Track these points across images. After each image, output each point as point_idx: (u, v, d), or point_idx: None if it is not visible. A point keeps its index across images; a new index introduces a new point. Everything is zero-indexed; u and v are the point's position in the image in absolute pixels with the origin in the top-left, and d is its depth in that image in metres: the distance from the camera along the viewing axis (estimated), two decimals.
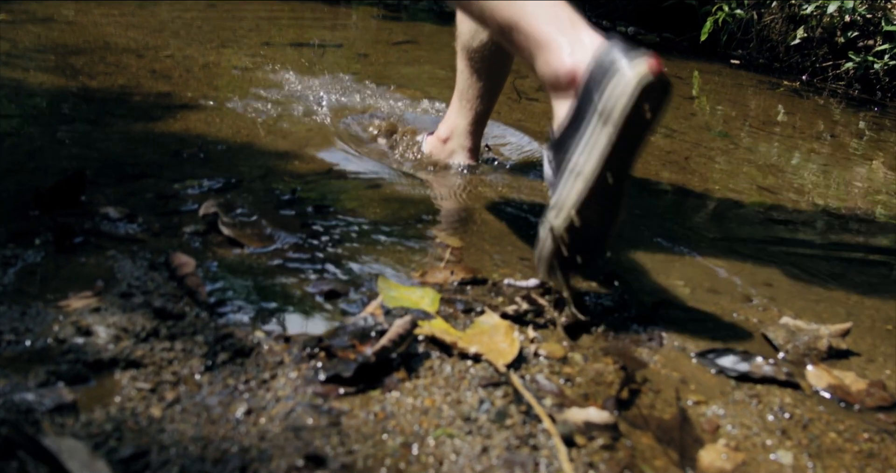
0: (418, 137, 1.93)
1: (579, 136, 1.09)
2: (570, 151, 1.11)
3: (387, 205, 1.52)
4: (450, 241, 1.40)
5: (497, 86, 1.78)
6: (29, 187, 1.36)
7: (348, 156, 1.78)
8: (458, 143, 1.81)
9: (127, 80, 2.23)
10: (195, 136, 1.79)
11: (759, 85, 3.75)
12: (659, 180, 1.99)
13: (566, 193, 1.10)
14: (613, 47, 1.05)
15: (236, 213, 1.34)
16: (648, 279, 1.36)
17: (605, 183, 1.08)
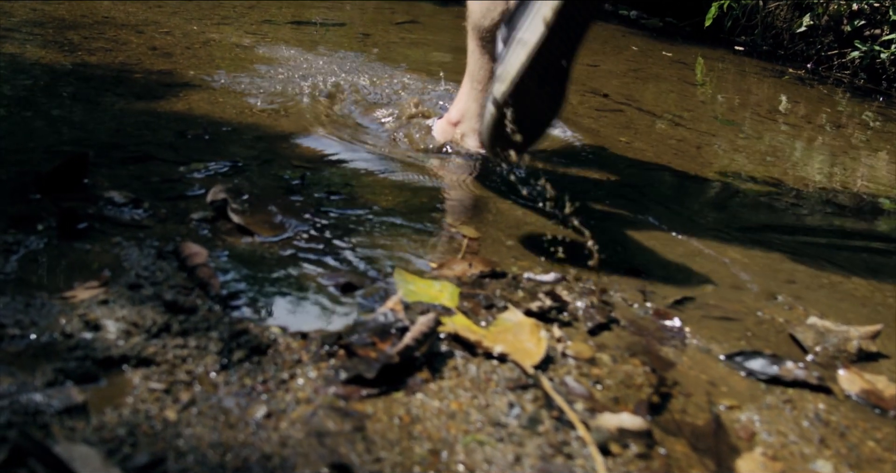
0: (428, 121, 1.88)
1: (527, 12, 1.22)
2: (518, 27, 1.23)
3: (399, 192, 1.47)
4: (465, 231, 1.35)
5: None
6: (29, 170, 1.31)
7: (358, 140, 1.73)
8: (470, 126, 1.75)
9: (127, 57, 2.16)
10: (199, 116, 1.73)
11: (764, 72, 3.70)
12: (672, 170, 1.95)
13: (511, 62, 1.20)
14: None
15: (245, 199, 1.29)
16: (670, 274, 1.32)
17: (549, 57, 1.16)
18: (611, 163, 1.92)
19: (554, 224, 1.44)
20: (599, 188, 1.71)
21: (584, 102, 2.46)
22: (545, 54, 1.17)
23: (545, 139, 1.96)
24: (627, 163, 1.94)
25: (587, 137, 2.07)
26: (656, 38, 4.28)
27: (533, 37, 1.18)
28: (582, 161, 1.89)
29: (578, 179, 1.75)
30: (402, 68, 2.49)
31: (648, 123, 2.34)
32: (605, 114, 2.36)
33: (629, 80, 2.95)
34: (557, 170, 1.77)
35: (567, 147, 1.96)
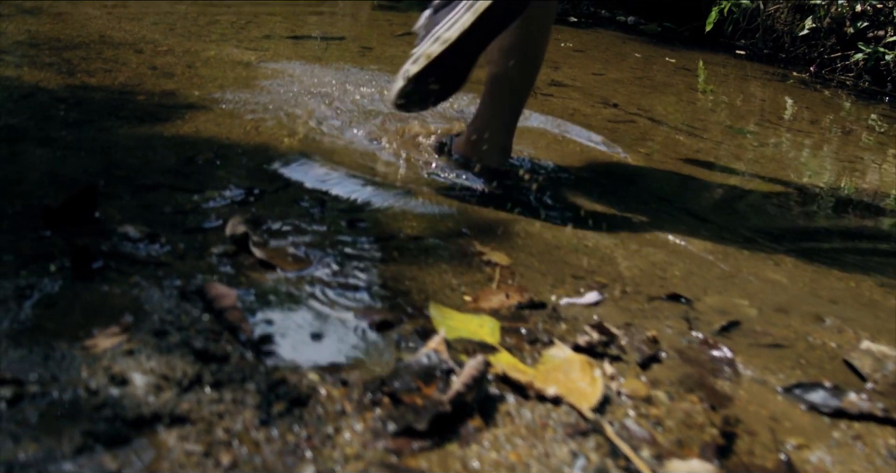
0: (446, 138, 1.82)
1: (451, 14, 1.42)
2: (440, 24, 1.43)
3: (422, 217, 1.41)
4: (496, 258, 1.29)
5: (529, 78, 1.68)
6: (36, 202, 1.24)
7: (374, 161, 1.67)
8: (491, 143, 1.69)
9: (128, 77, 2.09)
10: (207, 139, 1.67)
11: (767, 77, 3.66)
12: (695, 180, 1.89)
13: (427, 51, 1.43)
14: None
15: (264, 229, 1.22)
16: (711, 298, 1.26)
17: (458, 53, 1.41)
18: (634, 176, 1.86)
19: (585, 246, 1.38)
20: (627, 204, 1.65)
21: (596, 113, 2.40)
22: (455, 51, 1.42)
23: (570, 156, 1.91)
24: (651, 176, 1.88)
25: (606, 151, 2.01)
26: (657, 43, 4.23)
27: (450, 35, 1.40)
28: (605, 176, 1.83)
29: (605, 194, 1.70)
30: None
31: (663, 134, 2.28)
32: (619, 125, 2.30)
33: (636, 88, 2.90)
34: (582, 187, 1.71)
35: (589, 162, 1.90)
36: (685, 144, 2.22)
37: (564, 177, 1.76)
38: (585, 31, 4.38)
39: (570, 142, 2.05)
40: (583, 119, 2.30)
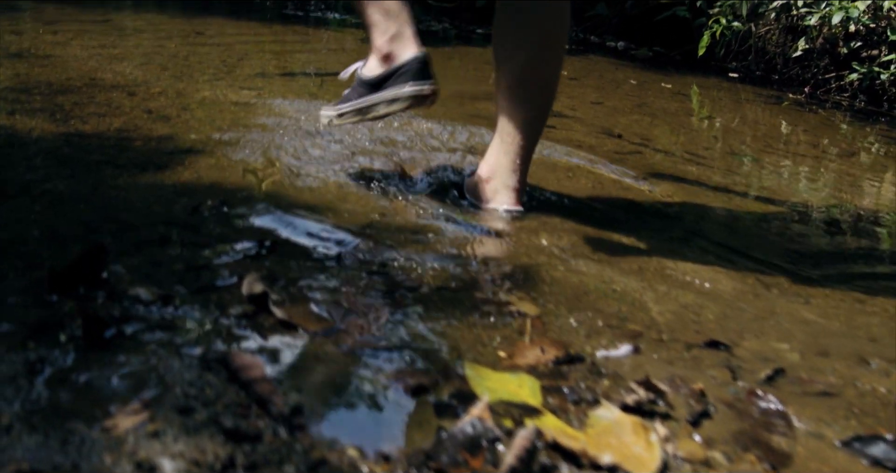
0: (455, 178, 1.76)
1: (376, 96, 1.63)
2: (365, 99, 1.65)
3: (442, 264, 1.35)
4: (524, 307, 1.23)
5: (541, 114, 1.63)
6: (39, 263, 1.18)
7: (386, 204, 1.61)
8: (502, 182, 1.64)
9: (123, 122, 2.04)
10: (210, 186, 1.61)
11: (763, 100, 3.64)
12: (711, 212, 1.84)
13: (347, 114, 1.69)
14: (423, 61, 1.58)
15: (282, 285, 1.16)
16: (749, 342, 1.20)
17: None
18: (650, 208, 1.81)
19: (613, 291, 1.32)
20: (647, 239, 1.60)
21: (600, 144, 2.36)
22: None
23: (584, 190, 1.85)
24: (667, 208, 1.83)
25: (619, 183, 1.96)
26: (649, 69, 4.21)
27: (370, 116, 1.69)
28: (621, 209, 1.78)
29: (624, 229, 1.65)
30: (409, 120, 2.37)
31: (671, 164, 2.24)
32: (626, 156, 2.26)
33: (637, 117, 2.86)
34: (600, 222, 1.67)
35: (603, 195, 1.85)
36: (695, 173, 2.18)
37: (581, 213, 1.71)
38: (577, 58, 4.36)
39: (582, 175, 2.00)
40: (589, 151, 2.25)
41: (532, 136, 1.65)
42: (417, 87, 1.56)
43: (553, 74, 1.61)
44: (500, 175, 1.64)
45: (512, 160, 1.64)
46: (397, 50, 1.57)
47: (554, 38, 1.61)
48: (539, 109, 1.63)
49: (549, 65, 1.61)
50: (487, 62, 3.99)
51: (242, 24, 4.45)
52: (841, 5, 3.69)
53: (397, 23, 1.58)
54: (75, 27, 3.81)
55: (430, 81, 1.57)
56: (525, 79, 1.60)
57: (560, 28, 1.61)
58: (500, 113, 1.65)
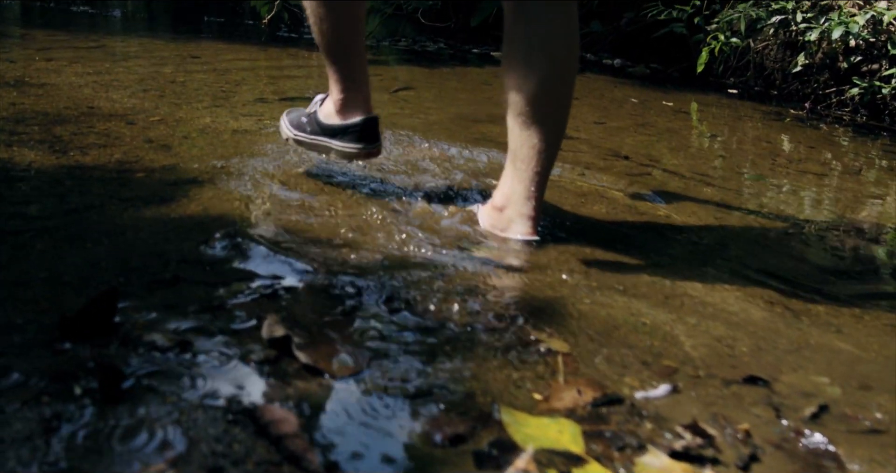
0: (471, 207, 1.71)
1: (329, 142, 1.89)
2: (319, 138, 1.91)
3: (464, 299, 1.30)
4: (555, 344, 1.18)
5: (555, 140, 1.59)
6: (47, 307, 1.12)
7: (399, 236, 1.57)
8: (517, 211, 1.59)
9: (123, 153, 1.99)
10: (217, 220, 1.56)
11: (764, 116, 3.61)
12: (730, 235, 1.81)
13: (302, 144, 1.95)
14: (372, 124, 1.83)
15: (303, 328, 1.11)
16: (788, 377, 1.16)
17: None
18: (668, 232, 1.77)
19: (643, 324, 1.28)
20: (670, 265, 1.56)
21: (609, 166, 2.32)
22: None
23: (600, 214, 1.81)
24: (685, 231, 1.79)
25: (633, 207, 1.92)
26: (648, 86, 4.19)
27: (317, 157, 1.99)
28: (641, 234, 1.74)
29: (645, 255, 1.60)
30: (413, 145, 2.33)
31: (682, 185, 2.20)
32: (637, 178, 2.22)
33: (642, 137, 2.83)
34: (621, 249, 1.63)
35: (620, 220, 1.81)
36: (706, 194, 2.14)
37: (599, 239, 1.67)
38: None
39: (595, 199, 1.96)
40: (599, 173, 2.21)
41: (546, 162, 1.60)
42: (364, 149, 1.82)
43: (566, 98, 1.58)
44: (514, 203, 1.60)
45: (526, 188, 1.59)
46: (351, 109, 1.80)
47: (565, 61, 1.57)
48: (553, 135, 1.59)
49: (562, 89, 1.57)
50: (485, 83, 3.97)
51: (237, 48, 4.42)
52: (840, 20, 3.67)
53: (356, 83, 1.78)
54: (69, 54, 3.76)
55: (375, 144, 1.83)
56: (537, 104, 1.56)
57: (571, 51, 1.57)
58: (513, 139, 1.61)
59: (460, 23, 5.72)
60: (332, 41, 1.73)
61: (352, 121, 1.80)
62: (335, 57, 1.74)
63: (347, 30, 1.73)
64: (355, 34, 1.75)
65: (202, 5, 7.90)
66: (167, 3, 7.79)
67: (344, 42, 1.73)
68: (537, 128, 1.56)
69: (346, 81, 1.77)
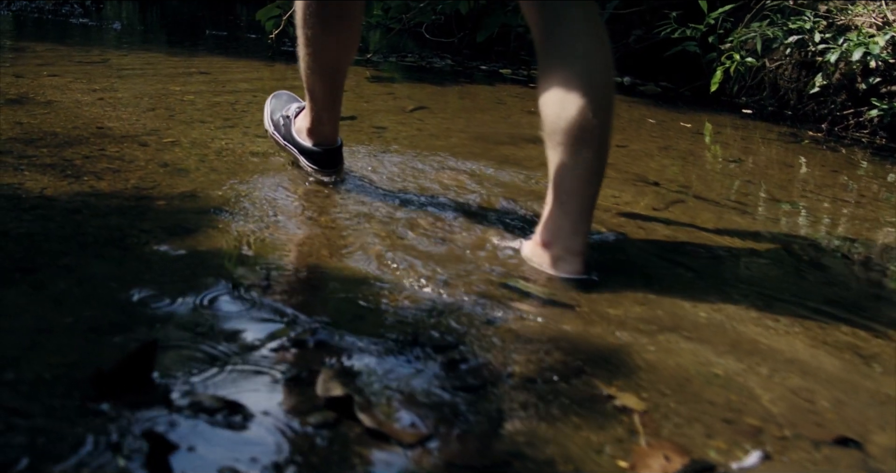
0: (512, 244, 1.62)
1: (299, 157, 2.08)
2: (291, 148, 2.10)
3: (525, 350, 1.21)
4: (628, 401, 1.09)
5: (599, 169, 1.52)
6: (77, 359, 1.02)
7: (442, 273, 1.47)
8: (564, 247, 1.51)
9: (139, 179, 1.89)
10: (250, 256, 1.47)
11: (781, 138, 3.54)
12: (779, 267, 1.72)
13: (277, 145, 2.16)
14: (334, 153, 2.02)
15: (360, 385, 1.01)
16: (878, 436, 1.11)
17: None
18: (720, 266, 1.69)
19: (715, 375, 1.20)
20: (728, 306, 1.47)
21: (640, 193, 2.23)
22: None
23: (644, 248, 1.72)
24: (735, 267, 1.71)
25: (675, 242, 1.84)
26: (661, 105, 4.11)
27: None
28: (689, 270, 1.65)
29: (700, 293, 1.52)
30: (436, 168, 2.24)
31: (717, 214, 2.12)
32: (670, 207, 2.14)
33: (667, 161, 2.75)
34: (674, 287, 1.54)
35: (666, 257, 1.72)
36: (746, 223, 2.07)
37: (648, 275, 1.59)
38: None
39: (635, 230, 1.88)
40: (632, 201, 2.13)
41: (592, 194, 1.52)
42: (322, 172, 2.03)
43: (607, 126, 1.51)
44: (561, 239, 1.51)
45: (573, 222, 1.51)
46: (318, 136, 1.99)
47: (604, 89, 1.50)
48: (597, 165, 1.52)
49: (603, 117, 1.50)
50: (499, 102, 3.89)
51: (243, 64, 4.33)
52: (859, 41, 3.61)
53: (329, 112, 1.93)
54: (73, 69, 3.66)
55: (334, 170, 2.03)
56: (579, 134, 1.49)
57: (609, 78, 1.51)
58: (555, 171, 1.54)
59: (465, 39, 5.64)
60: (318, 71, 1.84)
61: (316, 148, 2.00)
62: (317, 86, 1.87)
63: (337, 62, 1.84)
64: (342, 69, 1.87)
65: (198, 19, 7.81)
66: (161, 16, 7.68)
67: (328, 76, 1.86)
68: (581, 158, 1.49)
69: (322, 111, 1.92)
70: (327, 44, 1.80)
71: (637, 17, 5.14)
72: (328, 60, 1.83)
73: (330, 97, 1.89)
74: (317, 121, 1.95)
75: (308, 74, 1.84)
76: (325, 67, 1.84)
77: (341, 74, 1.88)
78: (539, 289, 1.46)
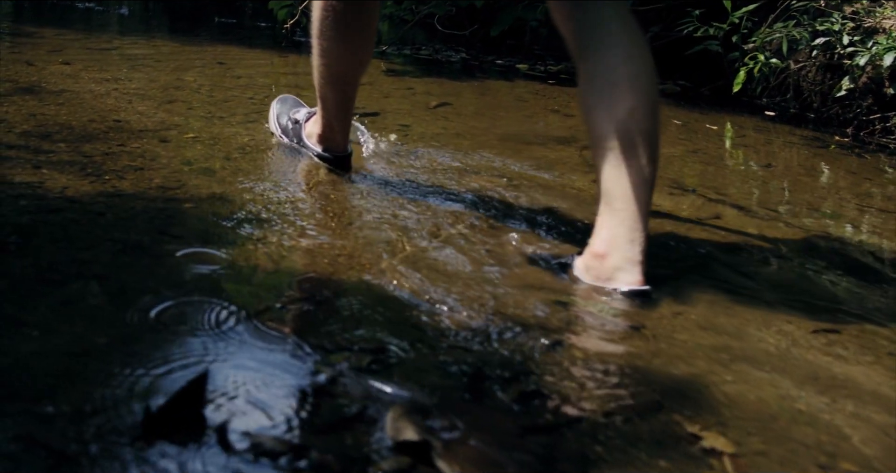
0: (563, 259, 1.53)
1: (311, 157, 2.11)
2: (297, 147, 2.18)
3: (596, 382, 1.13)
4: (716, 442, 1.01)
5: (652, 173, 1.46)
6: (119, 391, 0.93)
7: (494, 294, 1.39)
8: (623, 256, 1.43)
9: (163, 178, 1.79)
10: (293, 272, 1.38)
11: (807, 142, 3.45)
12: (838, 289, 1.64)
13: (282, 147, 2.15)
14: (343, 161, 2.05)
15: (427, 418, 0.92)
16: None
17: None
18: (783, 289, 1.60)
19: (800, 412, 1.12)
20: (800, 328, 1.41)
21: (678, 202, 2.15)
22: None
23: (699, 259, 1.63)
24: (797, 285, 1.63)
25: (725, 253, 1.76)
26: (682, 105, 4.02)
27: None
28: (749, 289, 1.57)
29: (769, 317, 1.43)
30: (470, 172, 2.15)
31: (760, 225, 2.04)
32: (712, 217, 2.06)
33: (699, 166, 2.66)
34: (742, 314, 1.45)
35: (721, 273, 1.64)
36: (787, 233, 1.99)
37: (708, 293, 1.50)
38: None
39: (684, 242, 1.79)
40: (672, 210, 2.04)
41: (646, 199, 1.47)
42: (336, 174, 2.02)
43: (656, 125, 1.48)
44: (618, 249, 1.43)
45: (629, 229, 1.44)
46: (328, 142, 2.03)
47: (650, 91, 1.47)
48: (650, 168, 1.47)
49: (652, 118, 1.47)
50: (520, 99, 3.79)
51: (256, 54, 4.22)
52: (889, 45, 3.52)
53: (340, 121, 1.98)
54: (83, 56, 3.56)
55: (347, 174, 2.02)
56: (629, 137, 1.44)
57: (652, 77, 1.48)
58: (606, 179, 1.47)
59: (477, 32, 5.54)
60: (331, 82, 1.88)
61: (326, 154, 2.05)
62: (329, 96, 1.93)
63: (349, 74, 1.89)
64: (354, 82, 1.92)
65: (204, 4, 7.68)
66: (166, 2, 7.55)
67: (341, 86, 1.90)
68: (632, 162, 1.44)
69: (333, 119, 1.98)
70: (342, 55, 1.83)
71: (655, 14, 5.04)
72: (341, 71, 1.86)
73: (341, 107, 1.94)
74: (328, 128, 2.01)
75: (322, 84, 1.89)
76: (338, 78, 1.87)
77: (353, 86, 1.91)
78: (598, 309, 1.37)
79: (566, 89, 4.07)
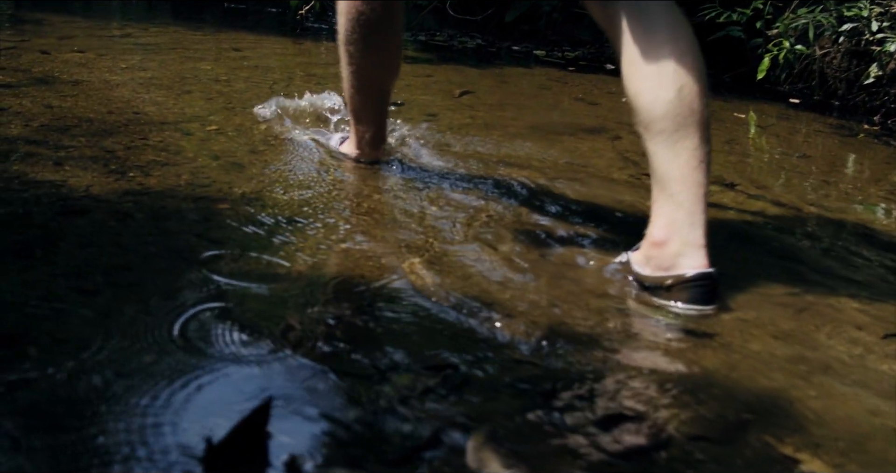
0: (619, 258, 1.46)
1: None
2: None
3: (677, 400, 1.06)
4: (813, 465, 0.98)
5: (706, 153, 1.40)
6: (172, 418, 0.85)
7: (553, 300, 1.32)
8: (684, 241, 1.38)
9: (192, 174, 1.71)
10: (343, 282, 1.31)
11: (835, 131, 3.36)
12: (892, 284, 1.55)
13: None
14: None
15: (515, 452, 0.84)
16: None
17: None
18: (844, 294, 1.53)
19: (892, 430, 1.05)
20: (867, 335, 1.34)
21: (720, 196, 2.08)
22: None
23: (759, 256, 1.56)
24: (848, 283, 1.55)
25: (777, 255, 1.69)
26: None
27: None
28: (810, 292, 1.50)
29: (836, 323, 1.37)
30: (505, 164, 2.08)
31: (805, 218, 1.97)
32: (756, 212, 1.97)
33: (733, 157, 2.58)
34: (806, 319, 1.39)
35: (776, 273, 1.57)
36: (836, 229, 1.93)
37: (767, 297, 1.44)
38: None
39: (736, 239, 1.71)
40: (715, 206, 1.96)
41: (703, 181, 1.40)
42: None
43: (706, 106, 1.41)
44: (679, 233, 1.37)
45: (689, 213, 1.38)
46: (367, 150, 1.98)
47: (697, 67, 1.42)
48: (703, 149, 1.40)
49: (702, 98, 1.41)
50: (542, 87, 3.70)
51: (271, 41, 4.13)
52: None
53: (374, 128, 1.93)
54: (95, 43, 3.47)
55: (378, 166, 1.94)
56: (681, 119, 1.38)
57: (699, 57, 1.43)
58: (659, 162, 1.42)
59: (491, 17, 5.43)
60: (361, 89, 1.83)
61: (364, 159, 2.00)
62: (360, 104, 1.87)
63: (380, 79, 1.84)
64: (385, 88, 1.87)
65: None
66: None
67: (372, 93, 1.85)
68: (686, 144, 1.38)
69: (368, 124, 1.93)
70: (369, 59, 1.77)
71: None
72: (371, 76, 1.80)
73: (373, 115, 1.90)
74: (364, 144, 1.97)
75: (352, 93, 1.84)
76: (369, 85, 1.81)
77: (385, 93, 1.87)
78: (666, 315, 1.30)
79: (587, 76, 3.98)
